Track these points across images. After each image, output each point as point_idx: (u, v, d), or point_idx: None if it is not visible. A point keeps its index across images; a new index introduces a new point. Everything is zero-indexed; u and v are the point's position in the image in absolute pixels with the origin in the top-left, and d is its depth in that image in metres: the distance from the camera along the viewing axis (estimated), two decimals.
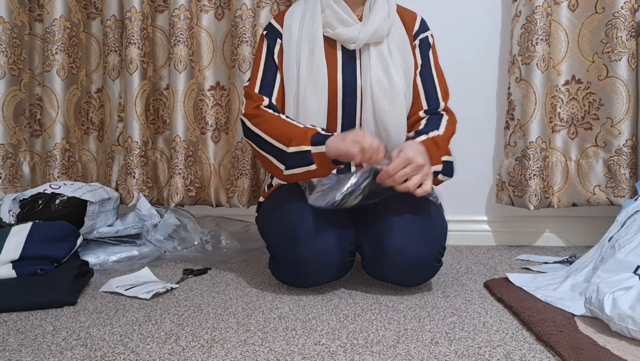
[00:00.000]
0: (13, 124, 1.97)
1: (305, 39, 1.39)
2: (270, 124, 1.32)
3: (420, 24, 1.49)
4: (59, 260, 1.37)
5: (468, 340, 0.97)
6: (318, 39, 1.38)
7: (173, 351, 0.93)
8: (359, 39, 1.36)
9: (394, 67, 1.38)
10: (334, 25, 1.38)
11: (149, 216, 1.70)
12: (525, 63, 1.77)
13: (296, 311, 1.15)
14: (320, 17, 1.40)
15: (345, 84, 1.38)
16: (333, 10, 1.38)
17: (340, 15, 1.37)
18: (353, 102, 1.39)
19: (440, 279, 1.40)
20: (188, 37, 1.86)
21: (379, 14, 1.38)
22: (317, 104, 1.36)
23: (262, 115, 1.35)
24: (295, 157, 1.26)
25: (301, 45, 1.39)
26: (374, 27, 1.36)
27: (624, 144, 1.74)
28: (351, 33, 1.36)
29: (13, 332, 1.03)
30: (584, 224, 1.89)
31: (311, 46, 1.38)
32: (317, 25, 1.39)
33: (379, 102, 1.36)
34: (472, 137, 1.91)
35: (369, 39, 1.37)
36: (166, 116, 1.95)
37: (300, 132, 1.27)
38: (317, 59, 1.37)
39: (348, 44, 1.38)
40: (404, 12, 1.49)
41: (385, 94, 1.36)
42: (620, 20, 1.71)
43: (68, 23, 1.92)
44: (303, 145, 1.24)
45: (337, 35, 1.38)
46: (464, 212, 1.93)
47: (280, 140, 1.28)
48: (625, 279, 1.02)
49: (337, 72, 1.39)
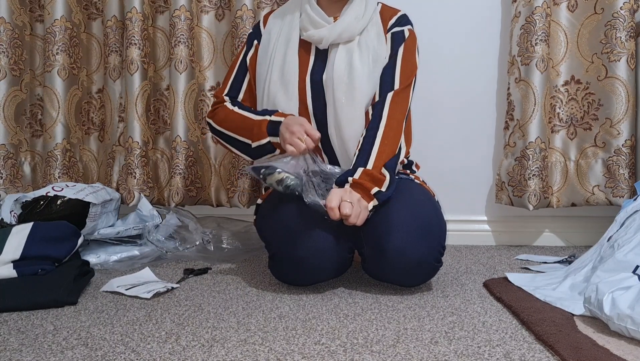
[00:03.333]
0: (14, 124, 1.98)
1: (282, 42, 1.45)
2: (231, 122, 1.43)
3: (398, 18, 1.48)
4: (60, 260, 1.37)
5: (467, 340, 0.97)
6: (293, 41, 1.44)
7: (174, 350, 0.93)
8: (325, 38, 1.40)
9: (360, 63, 1.39)
10: (307, 28, 1.43)
11: (150, 216, 1.71)
12: (524, 64, 1.77)
13: (296, 310, 1.15)
14: (297, 21, 1.46)
15: (312, 81, 1.41)
16: (307, 14, 1.43)
17: (313, 19, 1.42)
18: (321, 98, 1.41)
19: (439, 279, 1.41)
20: (188, 38, 1.86)
21: (352, 14, 1.41)
22: (287, 103, 1.40)
23: (221, 112, 1.46)
24: (259, 150, 1.38)
25: (277, 48, 1.45)
26: (342, 27, 1.40)
27: (623, 144, 1.74)
28: (320, 34, 1.41)
29: (14, 332, 1.03)
30: (583, 224, 1.89)
31: (285, 48, 1.44)
32: (293, 29, 1.45)
33: (337, 96, 1.37)
34: (471, 137, 1.92)
35: (336, 38, 1.40)
36: (167, 116, 1.95)
37: (256, 125, 1.37)
38: (289, 60, 1.42)
39: (317, 44, 1.43)
40: (387, 10, 1.50)
41: (342, 89, 1.37)
42: (619, 20, 1.72)
43: (69, 23, 1.92)
44: (262, 139, 1.36)
45: (309, 37, 1.42)
46: (464, 212, 1.93)
47: (244, 135, 1.40)
48: (624, 279, 1.02)
49: (307, 71, 1.42)
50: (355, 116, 1.36)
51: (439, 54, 1.87)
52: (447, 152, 1.92)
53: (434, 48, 1.85)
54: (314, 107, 1.41)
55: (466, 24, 1.92)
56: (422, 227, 1.25)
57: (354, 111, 1.36)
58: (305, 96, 1.41)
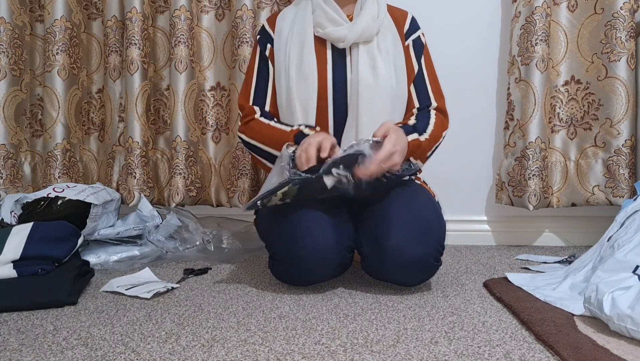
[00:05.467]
0: (14, 124, 1.98)
1: (296, 40, 1.43)
2: (262, 135, 1.41)
3: (411, 22, 1.51)
4: (60, 260, 1.37)
5: (467, 340, 0.97)
6: (308, 39, 1.42)
7: (174, 350, 0.93)
8: (347, 38, 1.40)
9: (383, 65, 1.40)
10: (324, 25, 1.41)
11: (150, 217, 1.71)
12: (524, 64, 1.77)
13: (296, 310, 1.15)
14: (311, 18, 1.44)
15: (335, 81, 1.41)
16: (323, 10, 1.42)
17: (330, 15, 1.41)
18: (343, 99, 1.41)
19: (439, 279, 1.41)
20: (189, 38, 1.86)
21: (368, 14, 1.41)
22: (306, 100, 1.39)
23: (254, 126, 1.43)
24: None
25: (291, 46, 1.43)
26: (362, 27, 1.40)
27: (623, 144, 1.74)
28: (340, 33, 1.40)
29: (14, 332, 1.03)
30: (583, 224, 1.89)
31: (301, 46, 1.42)
32: (307, 26, 1.43)
33: (364, 98, 1.38)
34: (471, 137, 1.92)
35: (357, 38, 1.40)
36: (167, 116, 1.95)
37: (286, 136, 1.35)
38: (307, 58, 1.41)
39: (337, 42, 1.42)
40: (394, 10, 1.51)
41: (370, 91, 1.38)
42: (619, 20, 1.72)
43: (69, 24, 1.92)
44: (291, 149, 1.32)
45: (327, 35, 1.41)
46: (464, 212, 1.94)
47: (273, 146, 1.38)
48: (624, 279, 1.02)
49: (327, 70, 1.41)
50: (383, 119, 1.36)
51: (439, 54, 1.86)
52: (447, 152, 1.91)
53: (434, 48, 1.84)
54: (335, 106, 1.41)
55: (466, 24, 1.92)
56: (421, 226, 1.25)
57: (381, 113, 1.38)
58: (326, 94, 1.41)
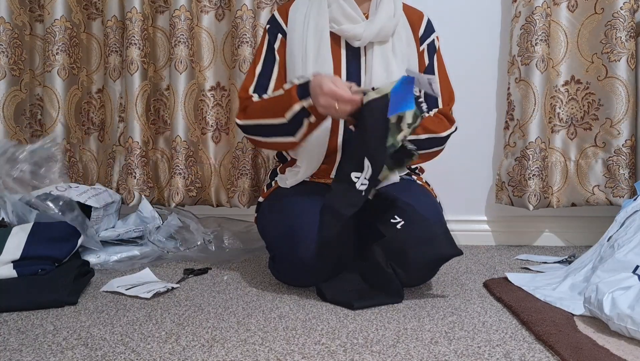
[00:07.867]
0: (14, 124, 1.97)
1: (311, 34, 1.38)
2: (258, 110, 1.33)
3: (426, 26, 1.49)
4: (60, 260, 1.37)
5: (467, 340, 0.97)
6: (325, 34, 1.38)
7: (173, 350, 0.93)
8: (363, 37, 1.36)
9: (396, 67, 1.38)
10: (340, 21, 1.37)
11: (150, 218, 1.70)
12: (524, 64, 1.77)
13: (296, 310, 1.15)
14: (326, 13, 1.39)
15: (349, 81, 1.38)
16: (339, 5, 1.37)
17: (347, 11, 1.37)
18: None
19: (439, 279, 1.41)
20: (188, 38, 1.86)
21: (385, 13, 1.38)
22: None
23: (250, 108, 1.36)
24: (295, 122, 1.25)
25: (307, 41, 1.38)
26: (379, 26, 1.36)
27: (623, 144, 1.74)
28: (356, 30, 1.36)
29: (14, 332, 1.03)
30: (583, 224, 1.89)
31: (317, 41, 1.37)
32: (323, 21, 1.38)
33: None
34: (471, 137, 1.91)
35: (374, 37, 1.37)
36: (167, 116, 1.95)
37: (284, 98, 1.26)
38: (323, 54, 1.37)
39: (352, 41, 1.38)
40: (410, 11, 1.49)
41: None
42: (619, 20, 1.72)
43: (69, 23, 1.92)
44: (295, 105, 1.23)
45: (343, 32, 1.37)
46: (464, 212, 1.93)
47: (276, 115, 1.27)
48: (624, 279, 1.02)
49: (340, 69, 1.39)
50: None
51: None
52: (447, 152, 1.91)
53: None
54: None
55: (466, 23, 1.92)
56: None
57: None
58: None
